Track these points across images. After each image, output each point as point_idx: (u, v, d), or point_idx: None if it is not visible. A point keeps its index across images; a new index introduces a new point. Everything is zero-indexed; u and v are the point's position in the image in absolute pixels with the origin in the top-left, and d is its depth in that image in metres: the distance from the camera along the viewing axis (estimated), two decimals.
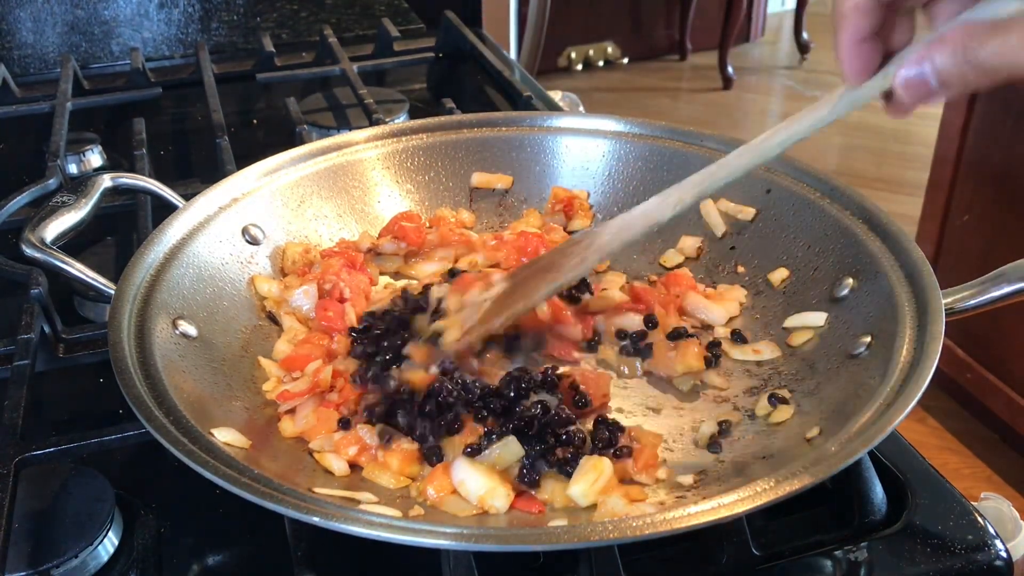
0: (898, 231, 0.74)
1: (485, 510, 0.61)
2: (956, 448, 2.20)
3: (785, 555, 0.62)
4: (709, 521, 0.51)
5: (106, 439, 0.67)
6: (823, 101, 0.60)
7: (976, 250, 2.07)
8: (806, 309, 0.77)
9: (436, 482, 0.62)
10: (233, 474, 0.54)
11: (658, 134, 0.92)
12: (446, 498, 0.62)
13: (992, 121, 1.98)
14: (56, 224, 0.77)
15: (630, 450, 0.65)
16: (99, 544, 0.62)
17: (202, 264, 0.77)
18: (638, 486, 0.64)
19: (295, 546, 0.60)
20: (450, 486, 0.62)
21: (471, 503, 0.61)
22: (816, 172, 0.82)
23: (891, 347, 0.64)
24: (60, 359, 0.80)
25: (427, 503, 0.62)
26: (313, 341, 0.76)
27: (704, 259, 0.87)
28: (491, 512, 0.61)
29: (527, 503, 0.62)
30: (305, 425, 0.68)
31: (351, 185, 0.91)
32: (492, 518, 0.61)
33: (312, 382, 0.70)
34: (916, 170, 3.16)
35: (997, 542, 0.63)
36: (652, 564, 0.61)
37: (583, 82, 4.24)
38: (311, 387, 0.70)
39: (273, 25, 1.58)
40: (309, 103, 1.30)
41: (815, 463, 0.54)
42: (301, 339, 0.77)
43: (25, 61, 1.46)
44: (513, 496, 0.61)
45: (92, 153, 1.19)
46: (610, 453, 0.64)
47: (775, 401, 0.69)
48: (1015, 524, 0.71)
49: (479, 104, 1.34)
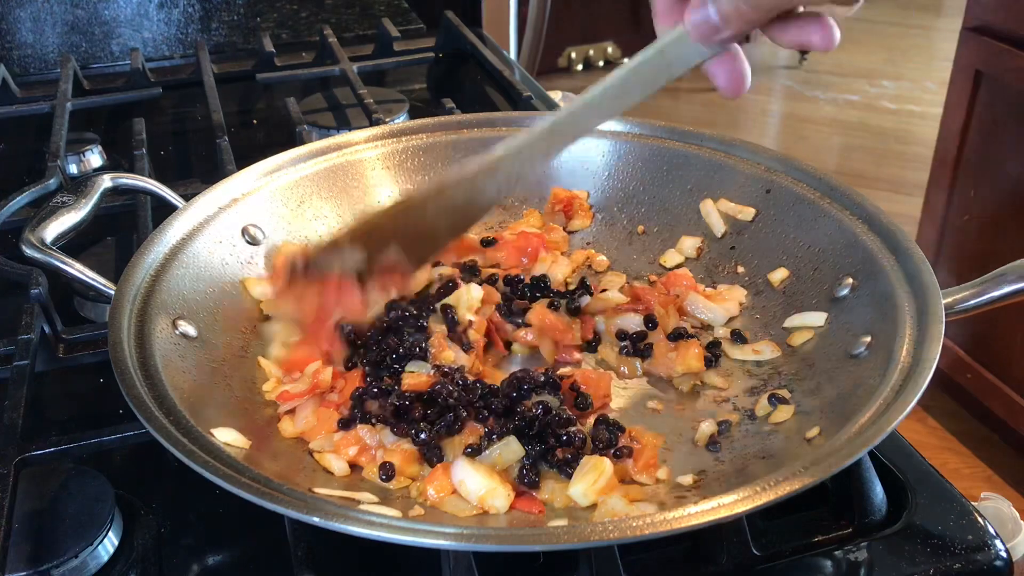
0: (898, 231, 0.74)
1: (485, 510, 0.61)
2: (956, 448, 2.20)
3: (785, 555, 0.62)
4: (709, 521, 0.51)
5: (106, 439, 0.67)
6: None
7: (976, 250, 2.07)
8: (806, 309, 0.77)
9: (436, 482, 0.62)
10: (233, 474, 0.54)
11: (658, 134, 0.92)
12: (446, 498, 0.62)
13: (992, 121, 1.98)
14: (56, 224, 0.77)
15: (631, 450, 0.65)
16: (99, 544, 0.62)
17: (202, 264, 0.77)
18: (638, 486, 0.64)
19: (295, 546, 0.60)
20: (450, 486, 0.62)
21: (471, 503, 0.61)
22: (816, 172, 0.82)
23: (891, 347, 0.64)
24: (60, 359, 0.80)
25: (427, 503, 0.62)
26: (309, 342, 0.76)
27: (704, 259, 0.87)
28: (491, 512, 0.61)
29: (527, 503, 0.62)
30: (305, 425, 0.68)
31: (351, 185, 0.91)
32: (492, 518, 0.61)
33: (312, 383, 0.70)
34: (916, 170, 3.17)
35: (997, 542, 0.63)
36: (652, 564, 0.61)
37: (583, 82, 4.24)
38: (311, 388, 0.70)
39: (273, 25, 1.58)
40: (309, 103, 1.30)
41: (815, 463, 0.54)
42: (296, 340, 0.76)
43: (25, 61, 1.46)
44: (513, 496, 0.62)
45: (92, 153, 1.19)
46: (610, 453, 0.64)
47: (775, 401, 0.69)
48: (1015, 524, 0.71)
49: (479, 104, 1.34)
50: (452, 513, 0.61)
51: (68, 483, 0.66)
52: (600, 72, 4.35)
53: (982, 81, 1.97)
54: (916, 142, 3.55)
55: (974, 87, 1.98)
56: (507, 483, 0.62)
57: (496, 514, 0.61)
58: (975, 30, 1.97)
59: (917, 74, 4.17)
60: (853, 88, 4.07)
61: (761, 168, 0.85)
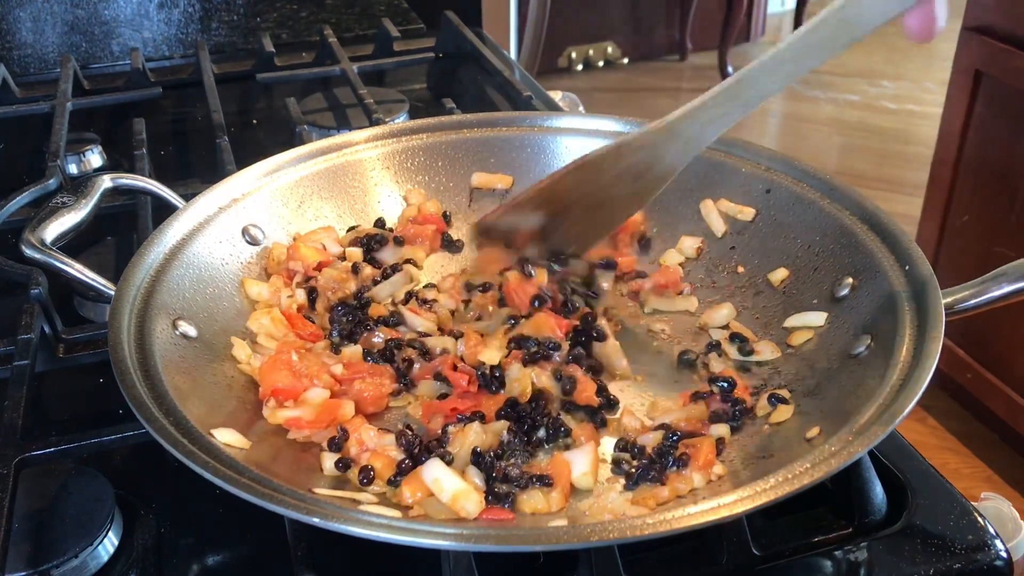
0: (898, 231, 0.74)
1: (456, 513, 0.60)
2: (956, 448, 2.20)
3: (785, 555, 0.62)
4: (709, 521, 0.51)
5: (106, 439, 0.67)
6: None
7: (976, 250, 2.07)
8: (806, 309, 0.77)
9: (411, 485, 0.61)
10: (233, 475, 0.54)
11: None
12: (424, 500, 0.61)
13: (992, 121, 1.98)
14: (56, 225, 0.77)
15: (687, 457, 0.64)
16: (99, 544, 0.62)
17: (202, 265, 0.77)
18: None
19: (295, 546, 0.60)
20: (425, 488, 0.61)
21: (445, 504, 0.60)
22: (816, 172, 0.82)
23: (891, 347, 0.64)
24: (60, 359, 0.80)
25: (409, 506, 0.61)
26: (288, 356, 0.71)
27: (704, 259, 0.87)
28: (462, 515, 0.60)
29: (497, 512, 0.60)
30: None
31: (351, 185, 0.91)
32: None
33: (332, 418, 0.68)
34: (916, 170, 3.17)
35: (997, 542, 0.63)
36: (652, 564, 0.61)
37: (583, 82, 4.24)
38: (330, 422, 0.68)
39: (273, 25, 1.58)
40: (309, 103, 1.30)
41: (815, 463, 0.54)
42: (273, 357, 0.72)
43: (25, 61, 1.46)
44: (484, 504, 0.60)
45: (92, 153, 1.19)
46: (668, 464, 0.63)
47: (775, 401, 0.69)
48: (1015, 524, 0.71)
49: (479, 104, 1.34)
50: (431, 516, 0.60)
51: (68, 483, 0.66)
52: (600, 72, 4.36)
53: (982, 81, 1.97)
54: (916, 142, 3.55)
55: (974, 87, 1.98)
56: (479, 489, 0.61)
57: (466, 518, 0.60)
58: (975, 30, 1.97)
59: (917, 74, 4.17)
60: (853, 88, 4.07)
61: (761, 168, 0.85)
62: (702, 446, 0.64)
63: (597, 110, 1.04)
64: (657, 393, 0.74)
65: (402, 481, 0.62)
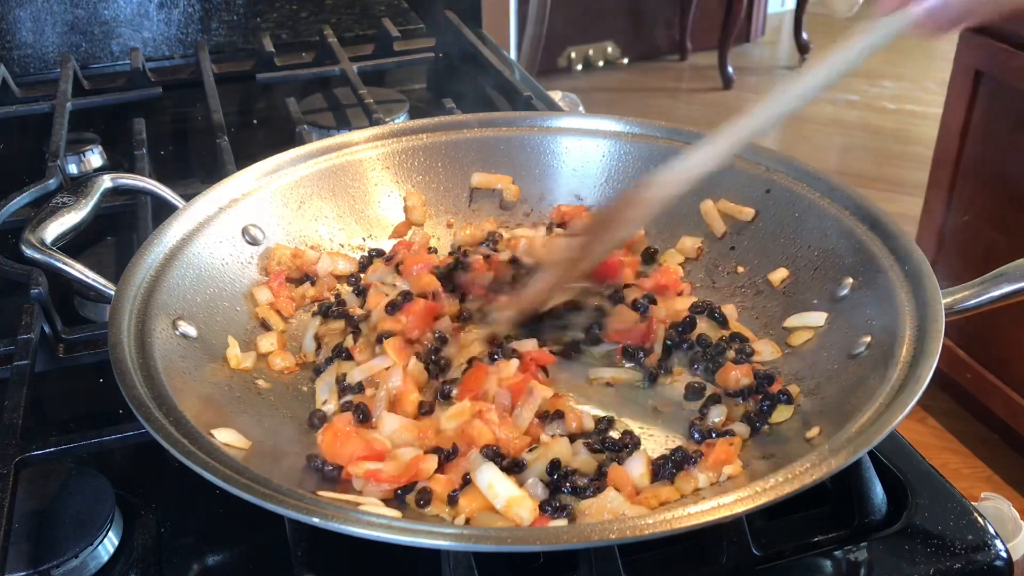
0: (898, 231, 0.74)
1: (511, 520, 0.59)
2: (956, 448, 2.20)
3: (785, 555, 0.62)
4: (709, 521, 0.51)
5: (106, 439, 0.67)
6: (845, 43, 0.67)
7: (976, 250, 2.07)
8: (806, 309, 0.77)
9: (467, 497, 0.61)
10: (233, 475, 0.54)
11: (658, 134, 0.92)
12: (478, 513, 0.60)
13: (992, 121, 1.98)
14: (56, 225, 0.77)
15: (700, 454, 0.64)
16: (99, 544, 0.62)
17: (202, 265, 0.77)
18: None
19: (295, 546, 0.60)
20: (481, 499, 0.60)
21: (499, 510, 0.60)
22: (816, 172, 0.82)
23: (891, 347, 0.64)
24: (60, 359, 0.80)
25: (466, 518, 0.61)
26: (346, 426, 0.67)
27: (704, 259, 0.87)
28: (516, 522, 0.59)
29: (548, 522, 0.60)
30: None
31: (351, 185, 0.91)
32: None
33: (408, 475, 0.63)
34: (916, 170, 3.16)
35: (997, 542, 0.63)
36: (652, 564, 0.61)
37: (583, 82, 4.24)
38: (413, 476, 0.63)
39: (273, 25, 1.58)
40: (309, 103, 1.30)
41: (815, 463, 0.54)
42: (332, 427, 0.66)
43: (25, 61, 1.46)
44: (537, 512, 0.60)
45: (92, 153, 1.19)
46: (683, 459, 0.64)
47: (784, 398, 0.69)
48: (1015, 524, 0.71)
49: (479, 104, 1.34)
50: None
51: (68, 483, 0.66)
52: (600, 72, 4.36)
53: (982, 81, 1.97)
54: (916, 142, 3.55)
55: (974, 87, 1.98)
56: (533, 497, 0.61)
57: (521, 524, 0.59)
58: (975, 30, 1.96)
59: (917, 74, 4.17)
60: (853, 88, 4.07)
61: (761, 168, 0.85)
62: (719, 444, 0.64)
63: (597, 110, 1.04)
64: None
65: (460, 495, 0.61)
